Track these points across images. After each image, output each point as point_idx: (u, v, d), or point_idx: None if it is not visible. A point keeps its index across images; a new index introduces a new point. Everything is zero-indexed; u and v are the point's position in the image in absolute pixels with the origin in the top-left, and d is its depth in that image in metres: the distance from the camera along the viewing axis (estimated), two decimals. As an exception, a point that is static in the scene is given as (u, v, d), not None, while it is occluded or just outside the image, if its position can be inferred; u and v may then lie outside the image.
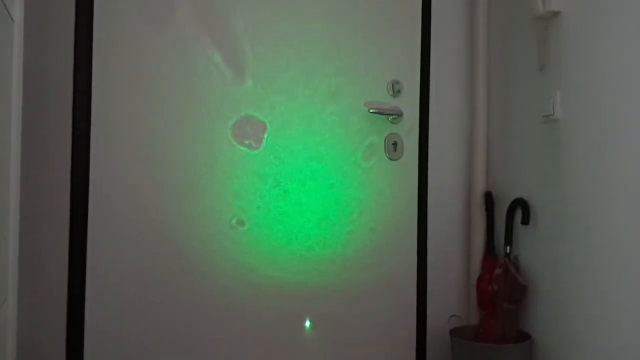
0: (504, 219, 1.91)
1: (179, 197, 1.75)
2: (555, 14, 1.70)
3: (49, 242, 1.63)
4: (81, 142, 1.66)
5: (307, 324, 1.87)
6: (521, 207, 1.84)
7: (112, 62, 1.69)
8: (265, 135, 1.83)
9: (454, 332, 1.88)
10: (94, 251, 1.66)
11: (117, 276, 1.69)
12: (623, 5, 1.46)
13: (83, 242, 1.66)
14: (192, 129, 1.76)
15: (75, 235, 1.65)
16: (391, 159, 1.97)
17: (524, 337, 1.78)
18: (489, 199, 2.00)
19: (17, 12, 1.43)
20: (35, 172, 1.59)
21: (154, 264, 1.72)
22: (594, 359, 1.53)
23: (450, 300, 2.04)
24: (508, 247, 1.88)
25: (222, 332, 1.78)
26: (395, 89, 1.97)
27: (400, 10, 2.00)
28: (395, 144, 1.97)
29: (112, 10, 1.68)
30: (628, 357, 1.43)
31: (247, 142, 1.81)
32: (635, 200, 1.42)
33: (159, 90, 1.74)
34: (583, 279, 1.58)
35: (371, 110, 1.92)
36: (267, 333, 1.83)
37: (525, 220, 1.81)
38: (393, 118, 1.96)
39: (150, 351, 1.71)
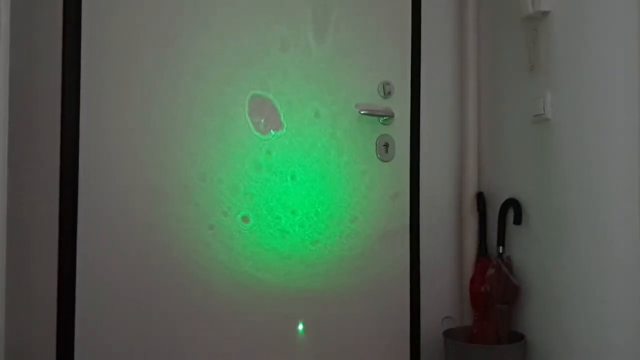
0: (496, 219, 1.91)
1: (170, 199, 1.74)
2: (545, 13, 1.70)
3: (38, 244, 1.61)
4: (70, 145, 1.64)
5: (300, 327, 1.86)
6: (513, 208, 1.84)
7: (101, 64, 1.68)
8: (252, 136, 1.83)
9: (447, 333, 1.87)
10: (83, 253, 1.65)
11: (107, 277, 1.67)
12: (612, 4, 1.47)
13: (73, 244, 1.64)
14: (183, 132, 1.75)
15: (64, 237, 1.63)
16: (382, 161, 1.96)
17: (517, 337, 1.78)
18: (480, 200, 2.00)
19: (4, 14, 1.41)
20: (23, 175, 1.57)
21: (144, 266, 1.70)
22: (587, 358, 1.53)
23: (443, 301, 2.03)
24: (500, 248, 1.88)
25: (213, 334, 1.77)
26: (386, 91, 1.97)
27: (390, 12, 2.00)
28: (386, 145, 1.97)
29: (100, 11, 1.68)
30: (620, 356, 1.42)
31: (238, 144, 1.81)
32: (625, 199, 1.42)
33: (151, 92, 1.73)
34: (575, 279, 1.58)
35: (362, 112, 1.91)
36: (258, 335, 1.81)
37: (517, 221, 1.81)
38: (384, 119, 1.96)
39: (142, 355, 1.70)
